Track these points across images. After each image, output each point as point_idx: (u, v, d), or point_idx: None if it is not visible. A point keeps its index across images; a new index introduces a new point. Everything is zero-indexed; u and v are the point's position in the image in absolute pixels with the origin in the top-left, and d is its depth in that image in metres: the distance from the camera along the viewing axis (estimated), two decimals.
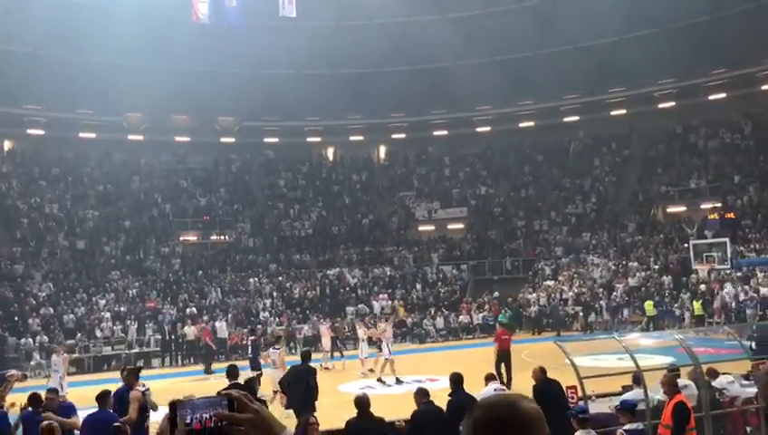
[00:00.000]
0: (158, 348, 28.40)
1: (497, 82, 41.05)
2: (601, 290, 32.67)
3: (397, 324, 31.46)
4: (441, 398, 9.02)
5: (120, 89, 36.77)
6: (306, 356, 12.60)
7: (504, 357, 17.08)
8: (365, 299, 34.30)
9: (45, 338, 27.29)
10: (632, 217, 38.84)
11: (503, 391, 9.42)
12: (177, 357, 28.08)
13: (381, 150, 48.16)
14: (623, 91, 41.92)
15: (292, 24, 37.18)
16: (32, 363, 25.13)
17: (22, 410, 9.24)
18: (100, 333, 28.58)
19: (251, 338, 21.78)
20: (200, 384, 20.21)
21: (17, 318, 28.70)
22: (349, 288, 35.75)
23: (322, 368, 20.91)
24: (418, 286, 36.65)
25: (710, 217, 33.80)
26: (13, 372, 10.98)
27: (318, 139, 46.35)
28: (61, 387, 14.95)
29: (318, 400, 11.72)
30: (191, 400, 1.65)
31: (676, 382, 9.16)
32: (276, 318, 31.64)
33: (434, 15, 39.72)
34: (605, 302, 31.57)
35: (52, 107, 38.00)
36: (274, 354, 16.19)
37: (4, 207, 36.07)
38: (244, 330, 29.89)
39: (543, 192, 43.10)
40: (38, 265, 33.06)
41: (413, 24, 39.96)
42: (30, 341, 26.80)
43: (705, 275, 29.14)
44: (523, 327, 32.47)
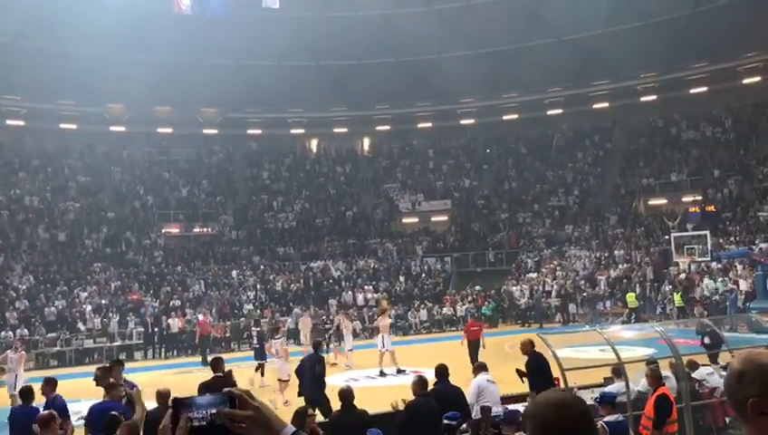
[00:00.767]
0: (140, 341, 28.26)
1: (481, 74, 41.11)
2: (584, 282, 32.94)
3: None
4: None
5: (102, 79, 36.44)
6: (316, 345, 13.37)
7: (475, 347, 18.18)
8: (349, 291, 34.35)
9: (26, 331, 27.03)
10: (614, 209, 39.16)
11: (492, 383, 9.50)
12: (161, 350, 27.95)
13: (365, 143, 48.11)
14: (606, 84, 42.16)
15: (275, 15, 36.97)
16: None
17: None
18: (82, 326, 28.38)
19: (256, 329, 21.92)
20: (184, 377, 20.16)
21: None
22: (332, 281, 35.75)
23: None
24: (402, 279, 36.73)
25: (691, 209, 34.15)
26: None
27: (302, 130, 46.21)
28: (14, 385, 14.66)
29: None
30: (193, 397, 1.67)
31: (660, 375, 9.33)
32: (260, 311, 31.58)
33: (418, 8, 39.68)
34: (585, 294, 31.88)
35: (32, 97, 37.57)
36: (276, 344, 16.54)
37: None
38: (227, 323, 29.90)
39: (527, 185, 43.29)
40: (18, 258, 32.72)
41: (397, 16, 39.89)
42: (10, 334, 26.51)
43: (687, 266, 29.47)
44: (505, 319, 32.75)
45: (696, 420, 10.54)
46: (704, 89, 39.49)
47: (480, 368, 10.00)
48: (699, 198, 35.32)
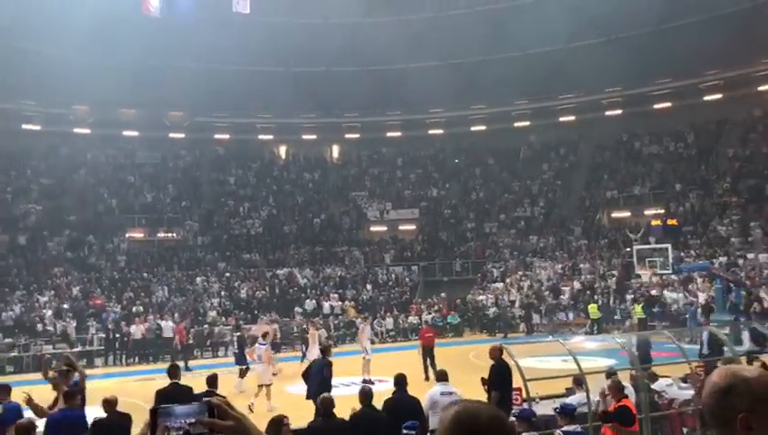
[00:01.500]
0: (101, 347, 27.74)
1: (450, 85, 41.45)
2: (548, 293, 33.31)
3: (346, 325, 31.50)
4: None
5: (68, 81, 35.74)
6: (325, 350, 13.64)
7: (428, 353, 18.77)
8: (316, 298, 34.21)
9: None
10: (578, 221, 39.72)
11: (449, 394, 9.50)
12: (122, 356, 27.47)
13: (334, 150, 48.09)
14: (572, 97, 42.83)
15: (245, 20, 36.82)
16: None
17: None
18: (41, 330, 27.77)
19: (237, 334, 21.72)
20: (145, 384, 19.81)
21: None
22: (299, 288, 35.57)
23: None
24: (369, 287, 36.72)
25: (653, 223, 34.77)
26: None
27: (270, 136, 46.01)
28: None
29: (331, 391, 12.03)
30: (172, 407, 1.65)
31: (623, 387, 9.50)
32: (224, 318, 31.25)
33: (388, 17, 39.89)
34: (547, 304, 32.25)
35: None
36: (260, 350, 16.52)
37: None
38: (192, 329, 29.53)
39: (494, 195, 43.72)
40: None
41: (367, 25, 40.07)
42: None
43: (648, 279, 29.97)
44: (471, 328, 32.92)
45: (655, 432, 10.73)
46: (667, 105, 40.37)
47: (439, 377, 9.97)
48: (661, 212, 36.00)
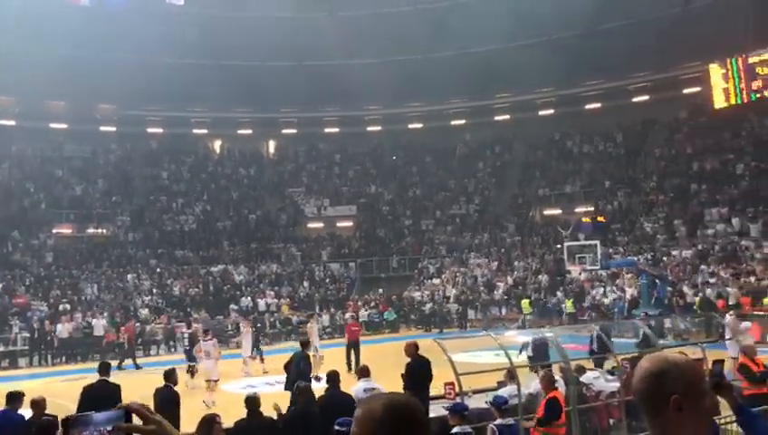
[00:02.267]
0: (25, 347, 26.69)
1: (388, 82, 41.53)
2: (483, 288, 33.86)
3: (282, 322, 31.27)
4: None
5: None
6: (304, 344, 13.81)
7: (354, 347, 19.39)
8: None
9: None
10: (512, 218, 40.50)
11: (372, 390, 9.51)
12: (47, 356, 26.51)
13: (271, 145, 47.61)
14: (507, 97, 43.62)
15: (179, 11, 36.09)
16: None
17: None
18: None
19: (188, 331, 21.54)
20: (74, 384, 19.18)
21: None
22: (233, 286, 35.09)
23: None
24: (306, 284, 36.52)
25: (583, 220, 35.74)
26: None
27: (205, 130, 45.19)
28: None
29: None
30: (89, 415, 1.59)
31: (554, 379, 9.74)
32: (156, 316, 30.55)
33: (326, 12, 39.67)
34: (481, 300, 32.81)
35: None
36: (208, 345, 16.68)
37: None
38: (123, 327, 28.78)
39: (430, 192, 44.13)
40: None
41: (305, 20, 39.72)
42: None
43: (578, 274, 30.82)
44: (407, 325, 33.16)
45: (583, 423, 11.03)
46: (597, 105, 41.60)
47: (361, 373, 9.95)
48: (591, 210, 37.06)
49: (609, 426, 11.85)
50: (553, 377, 9.85)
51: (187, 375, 18.01)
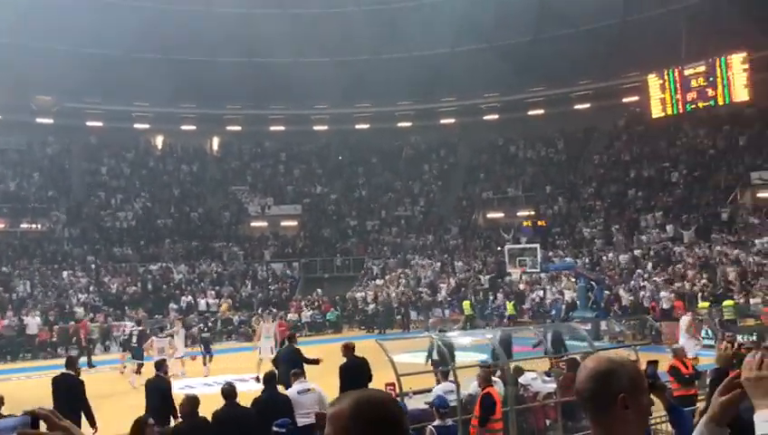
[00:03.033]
0: None
1: (336, 82, 41.46)
2: (426, 290, 34.08)
3: (223, 322, 30.82)
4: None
5: None
6: (291, 338, 13.94)
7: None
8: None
9: None
10: (456, 220, 40.93)
11: (307, 391, 9.46)
12: None
13: (215, 142, 46.87)
14: (452, 101, 44.03)
15: (123, 4, 35.17)
16: None
17: None
18: None
19: (138, 329, 21.10)
20: (3, 385, 18.52)
21: None
22: (173, 284, 34.42)
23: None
24: (249, 284, 36.08)
25: (524, 223, 36.39)
26: None
27: (146, 125, 44.15)
28: None
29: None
30: None
31: (489, 377, 9.89)
32: (92, 314, 29.71)
33: (275, 9, 39.29)
34: (423, 302, 33.05)
35: None
36: (162, 342, 16.94)
37: None
38: (56, 326, 27.96)
39: (376, 193, 44.21)
40: None
41: (254, 16, 39.24)
42: None
43: (519, 277, 31.33)
44: (350, 325, 33.11)
45: (520, 423, 11.21)
46: (541, 112, 42.38)
47: (295, 375, 9.86)
48: (532, 214, 37.74)
49: (546, 426, 12.10)
50: (489, 375, 10.00)
51: (133, 374, 17.95)
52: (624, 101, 40.03)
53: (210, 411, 8.13)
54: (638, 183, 36.32)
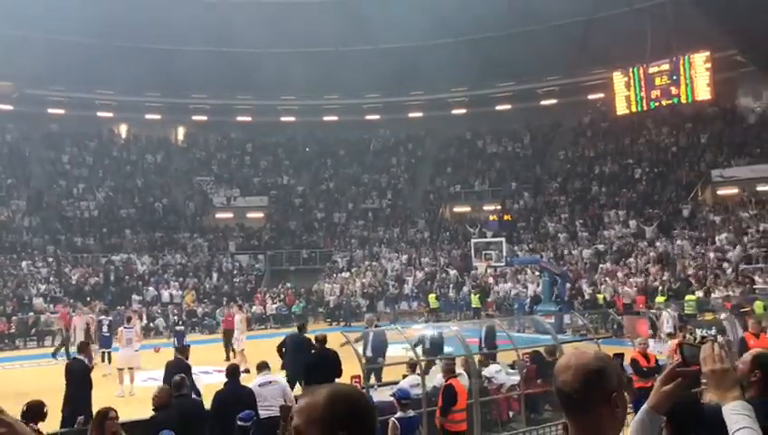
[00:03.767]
0: None
1: (303, 73, 41.10)
2: (393, 283, 34.17)
3: (187, 314, 30.50)
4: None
5: None
6: (301, 327, 13.88)
7: (229, 336, 20.56)
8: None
9: None
10: (423, 214, 41.07)
11: (269, 383, 9.43)
12: None
13: (180, 132, 46.26)
14: (420, 95, 44.09)
15: None
16: None
17: None
18: None
19: (108, 319, 21.18)
20: None
21: None
22: (136, 275, 33.94)
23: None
24: (215, 275, 35.73)
25: (491, 218, 36.70)
26: None
27: (110, 114, 43.35)
28: None
29: None
30: None
31: (453, 368, 9.97)
32: (52, 305, 29.14)
33: None
34: (389, 294, 33.15)
35: None
36: (129, 333, 16.68)
37: None
38: (14, 317, 27.40)
39: (344, 186, 44.11)
40: None
41: (221, 6, 38.69)
42: None
43: (484, 271, 31.57)
44: (315, 318, 33.03)
45: (484, 415, 11.33)
46: (507, 107, 42.67)
47: (259, 367, 9.83)
48: (498, 208, 38.07)
49: (509, 418, 12.25)
50: (453, 367, 10.09)
51: (103, 363, 18.18)
52: (589, 97, 40.51)
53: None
54: (602, 179, 36.86)
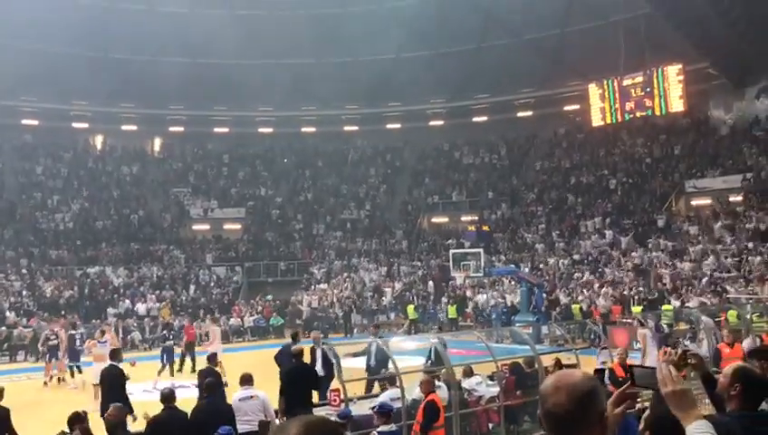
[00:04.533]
0: None
1: (281, 84, 41.13)
2: (371, 294, 34.10)
3: (164, 326, 30.10)
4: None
5: None
6: (294, 336, 14.37)
7: (190, 348, 21.01)
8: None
9: None
10: (401, 225, 41.12)
11: (249, 398, 9.33)
12: None
13: (156, 143, 45.91)
14: (398, 106, 44.26)
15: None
16: None
17: None
18: None
19: (79, 332, 21.27)
20: None
21: None
22: (111, 288, 33.52)
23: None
24: (193, 288, 35.37)
25: (468, 228, 36.85)
26: None
27: (85, 125, 42.88)
28: None
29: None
30: None
31: (433, 382, 9.92)
32: (25, 319, 28.65)
33: (219, 9, 38.74)
34: (368, 305, 33.07)
35: None
36: (104, 347, 16.32)
37: None
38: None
39: (322, 197, 44.05)
40: None
41: (197, 16, 38.57)
42: None
43: (462, 281, 31.64)
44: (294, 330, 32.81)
45: (463, 427, 11.32)
46: (484, 118, 42.98)
47: (242, 381, 9.65)
48: (476, 218, 38.25)
49: (489, 430, 12.24)
50: (434, 381, 10.03)
51: (77, 377, 18.32)
52: (565, 109, 40.92)
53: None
54: (577, 190, 37.21)
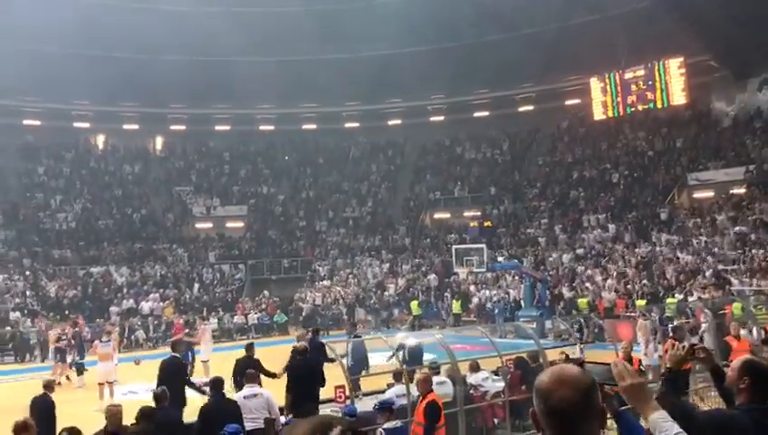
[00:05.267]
0: None
1: (281, 81, 41.07)
2: (374, 290, 34.10)
3: (167, 326, 30.16)
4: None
5: None
6: (316, 331, 14.71)
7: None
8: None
9: None
10: (403, 221, 41.09)
11: (254, 396, 9.34)
12: None
13: (158, 142, 45.92)
14: (399, 102, 44.23)
15: None
16: None
17: None
18: None
19: (76, 331, 21.02)
20: None
21: None
22: (115, 287, 33.56)
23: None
24: (197, 286, 35.39)
25: (471, 224, 36.82)
26: None
27: (87, 124, 42.95)
28: None
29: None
30: None
31: (432, 381, 9.75)
32: (29, 320, 28.71)
33: (218, 7, 38.64)
34: (372, 302, 33.06)
35: None
36: (107, 347, 16.44)
37: None
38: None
39: (323, 194, 44.04)
40: None
41: (197, 14, 38.48)
42: None
43: (465, 277, 31.64)
44: (297, 326, 32.81)
45: (468, 423, 11.30)
46: (485, 113, 42.93)
47: (247, 379, 9.69)
48: (478, 214, 38.20)
49: (495, 425, 12.21)
50: (431, 379, 9.79)
51: (77, 377, 18.25)
52: (567, 103, 40.87)
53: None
54: (580, 184, 37.13)
